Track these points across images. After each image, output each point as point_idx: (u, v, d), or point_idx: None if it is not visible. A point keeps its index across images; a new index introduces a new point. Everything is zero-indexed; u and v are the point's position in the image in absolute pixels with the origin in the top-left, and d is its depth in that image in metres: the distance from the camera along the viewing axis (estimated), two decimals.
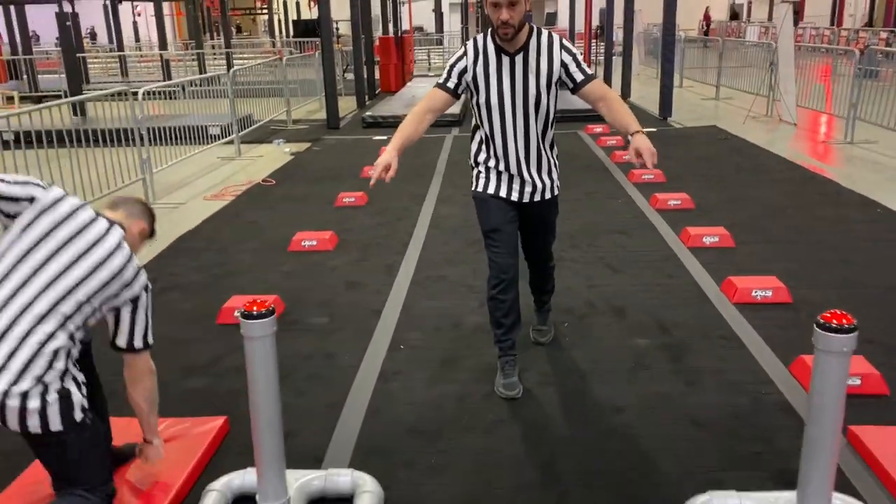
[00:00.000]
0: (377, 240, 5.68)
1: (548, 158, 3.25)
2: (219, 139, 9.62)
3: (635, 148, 2.86)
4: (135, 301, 2.37)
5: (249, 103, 11.50)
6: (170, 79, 16.78)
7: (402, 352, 3.77)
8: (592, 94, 3.07)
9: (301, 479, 2.52)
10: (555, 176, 3.31)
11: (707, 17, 27.67)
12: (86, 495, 2.29)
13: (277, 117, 12.11)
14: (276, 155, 9.64)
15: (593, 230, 5.71)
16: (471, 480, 2.70)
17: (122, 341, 2.38)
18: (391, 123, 11.43)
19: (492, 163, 3.24)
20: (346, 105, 14.29)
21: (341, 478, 2.56)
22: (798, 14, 27.51)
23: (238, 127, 9.83)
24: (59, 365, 2.14)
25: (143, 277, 2.39)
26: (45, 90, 16.57)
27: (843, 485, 2.53)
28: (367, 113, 12.08)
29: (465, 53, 3.12)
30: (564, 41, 3.12)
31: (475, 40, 3.13)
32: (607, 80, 15.92)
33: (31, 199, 2.20)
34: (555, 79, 3.06)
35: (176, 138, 8.45)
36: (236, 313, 3.36)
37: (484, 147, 3.25)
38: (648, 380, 3.39)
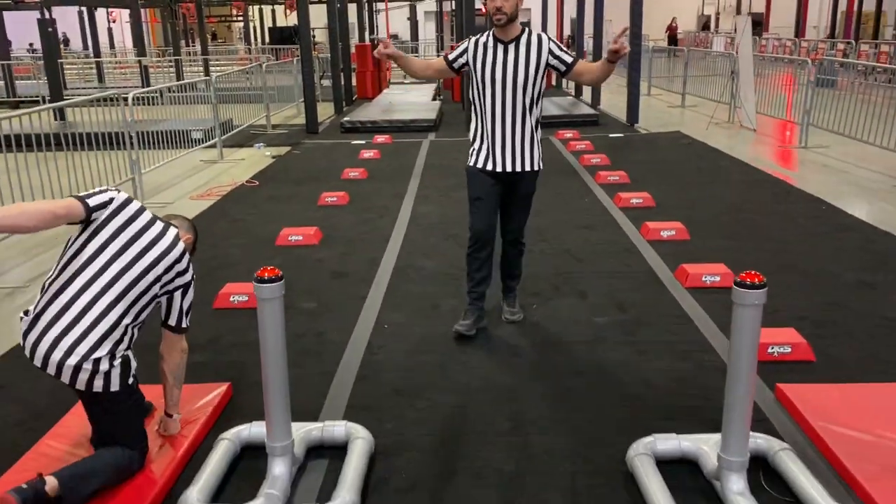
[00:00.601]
0: (360, 235, 6.05)
1: (532, 133, 3.81)
2: (201, 143, 9.93)
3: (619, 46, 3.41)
4: (186, 287, 2.84)
5: (230, 109, 11.81)
6: (148, 85, 16.99)
7: (386, 330, 4.15)
8: (579, 71, 3.75)
9: (301, 430, 2.89)
10: (537, 152, 3.85)
11: (671, 28, 28.43)
12: (126, 450, 2.67)
13: (257, 122, 12.43)
14: (257, 158, 9.96)
15: (561, 226, 6.14)
16: (448, 429, 3.09)
17: (172, 321, 2.84)
18: (369, 129, 11.82)
19: (481, 138, 3.82)
20: (324, 111, 14.63)
21: (337, 428, 2.93)
22: (763, 25, 28.44)
23: (221, 131, 10.14)
24: (126, 338, 2.60)
25: (192, 269, 2.86)
26: (23, 95, 16.71)
27: (769, 431, 2.96)
28: (346, 118, 12.45)
29: (467, 43, 3.81)
30: (553, 38, 3.82)
31: (477, 37, 3.81)
32: (578, 87, 16.48)
33: (110, 201, 2.66)
34: (542, 64, 3.69)
35: (159, 142, 8.74)
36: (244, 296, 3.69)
37: (478, 125, 3.84)
38: (606, 350, 3.81)
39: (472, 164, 3.88)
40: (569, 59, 3.74)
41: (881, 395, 3.15)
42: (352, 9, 19.49)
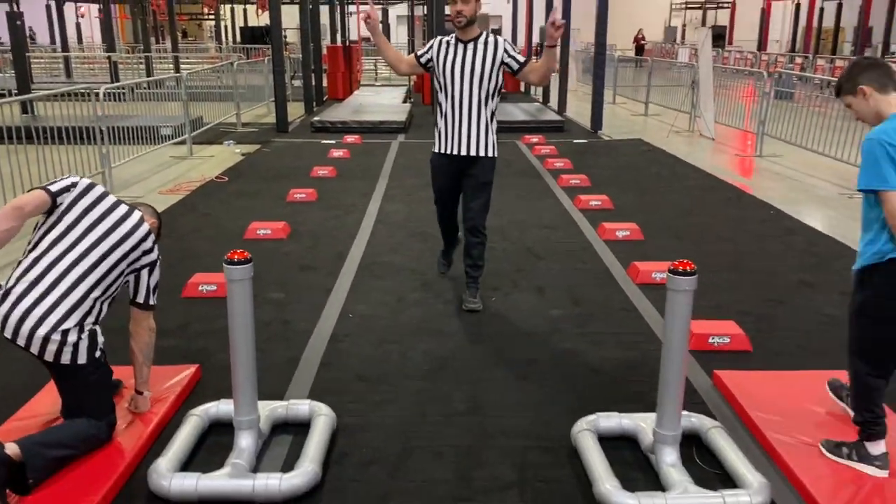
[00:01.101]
0: (327, 231, 6.21)
1: (486, 124, 4.22)
2: (170, 139, 9.98)
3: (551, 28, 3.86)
4: (152, 265, 3.00)
5: (199, 106, 11.86)
6: (117, 80, 16.91)
7: (350, 320, 4.32)
8: (529, 70, 4.20)
9: (267, 407, 3.05)
10: (491, 139, 4.25)
11: (637, 39, 29.00)
12: (92, 421, 2.79)
13: (227, 120, 12.50)
14: (226, 155, 10.05)
15: (523, 226, 6.36)
16: (409, 411, 3.27)
17: (140, 298, 2.99)
18: (339, 129, 11.96)
19: (443, 126, 4.25)
20: (294, 111, 14.72)
21: (301, 406, 3.10)
22: (726, 38, 29.15)
23: (191, 128, 10.21)
24: (95, 312, 2.75)
25: (157, 248, 3.02)
26: None
27: (705, 413, 3.19)
28: (316, 118, 12.57)
29: (432, 42, 4.29)
30: (508, 41, 4.28)
31: (441, 37, 4.27)
32: (545, 94, 16.79)
33: (73, 185, 2.83)
34: (498, 62, 4.14)
35: (129, 137, 8.79)
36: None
37: (439, 115, 4.28)
38: (559, 340, 4.02)
39: (434, 150, 4.37)
40: (521, 59, 4.19)
41: (809, 381, 3.40)
42: (324, 10, 19.59)
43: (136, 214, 2.94)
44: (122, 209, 2.91)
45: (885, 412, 2.76)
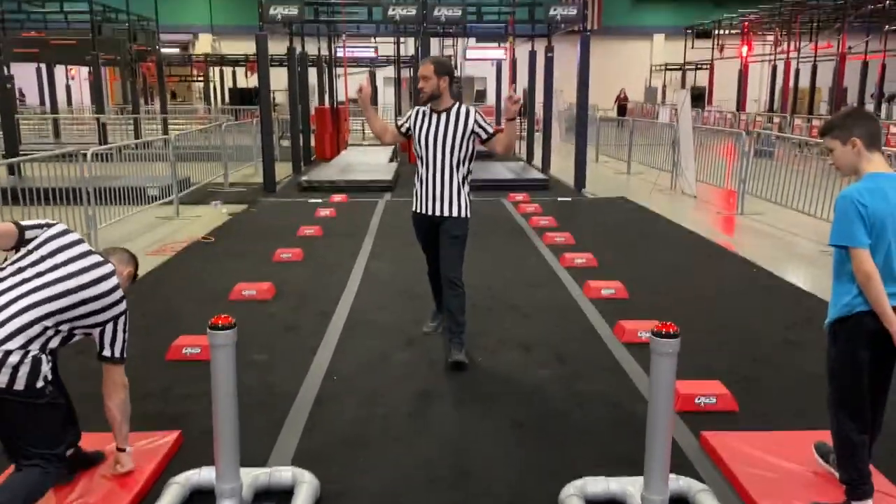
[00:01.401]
0: (313, 290, 6.20)
1: (458, 186, 4.46)
2: (157, 200, 10.02)
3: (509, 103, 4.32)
4: (117, 318, 2.89)
5: (187, 166, 11.95)
6: (105, 142, 17.05)
7: (335, 382, 4.28)
8: (496, 140, 4.49)
9: (249, 475, 2.99)
10: (462, 201, 4.47)
11: (619, 99, 29.65)
12: (42, 465, 2.68)
13: (215, 180, 12.58)
14: (213, 215, 10.08)
15: (509, 283, 6.39)
16: (393, 477, 3.22)
17: (107, 353, 2.92)
18: (327, 188, 12.05)
19: (418, 188, 4.53)
20: (282, 171, 14.83)
21: (284, 472, 3.05)
22: (706, 98, 29.86)
23: (178, 188, 10.26)
24: (42, 339, 2.66)
25: (125, 301, 2.92)
26: None
27: (693, 475, 3.17)
28: (304, 177, 12.68)
29: (412, 112, 4.59)
30: (479, 112, 4.53)
31: (419, 108, 4.54)
32: (530, 152, 17.07)
33: (46, 225, 2.86)
34: (468, 131, 4.40)
35: (116, 198, 8.82)
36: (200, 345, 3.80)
37: (417, 178, 4.56)
38: (545, 400, 4.00)
39: (412, 209, 4.64)
40: (490, 130, 4.46)
41: (796, 442, 3.39)
42: (312, 72, 19.97)
43: (108, 266, 2.87)
44: (93, 258, 2.85)
45: (870, 472, 2.76)
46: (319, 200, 11.03)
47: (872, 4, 21.04)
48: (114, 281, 2.87)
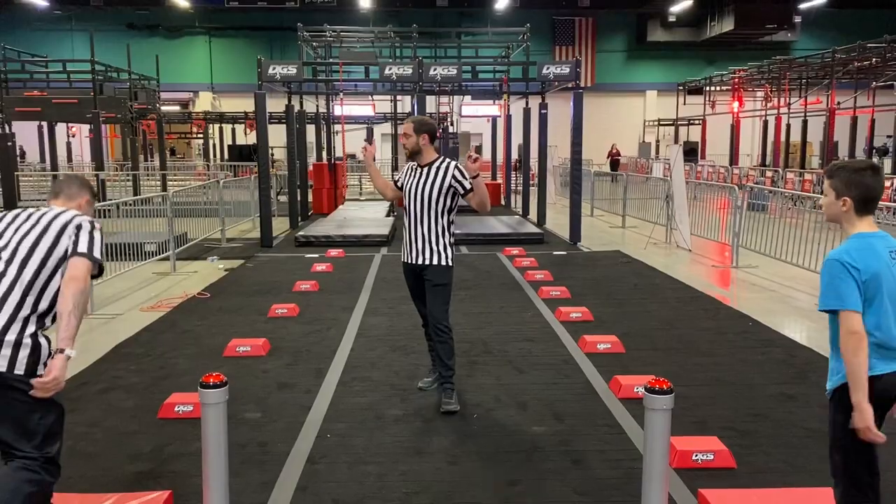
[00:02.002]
0: (308, 346, 6.17)
1: (437, 235, 4.66)
2: (154, 255, 10.05)
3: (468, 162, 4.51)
4: (79, 227, 2.88)
5: (184, 222, 12.02)
6: (104, 198, 17.18)
7: (328, 440, 4.23)
8: (469, 197, 4.66)
9: None
10: (445, 250, 4.66)
11: (612, 154, 30.04)
12: (29, 465, 2.64)
13: (212, 236, 12.63)
14: (210, 271, 10.09)
15: (505, 338, 6.36)
16: None
17: (82, 247, 2.82)
18: (323, 243, 12.11)
19: (405, 238, 4.76)
20: (279, 226, 14.94)
21: None
22: (700, 153, 30.27)
23: (175, 244, 10.30)
24: (37, 321, 2.67)
25: (86, 217, 2.97)
26: None
27: None
28: (300, 232, 12.74)
29: (405, 167, 4.85)
30: (459, 166, 4.70)
31: (411, 164, 4.78)
32: (525, 207, 17.20)
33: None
34: (447, 184, 4.61)
35: (113, 254, 8.84)
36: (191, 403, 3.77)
37: (404, 230, 4.79)
38: (542, 459, 3.95)
39: (402, 260, 4.84)
40: (467, 185, 4.62)
41: (795, 499, 3.34)
42: (310, 128, 20.28)
43: (65, 214, 2.90)
44: (49, 215, 2.87)
45: None
46: (316, 255, 11.07)
47: (859, 62, 21.52)
48: (68, 214, 2.90)
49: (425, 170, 4.68)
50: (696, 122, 31.55)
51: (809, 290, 8.57)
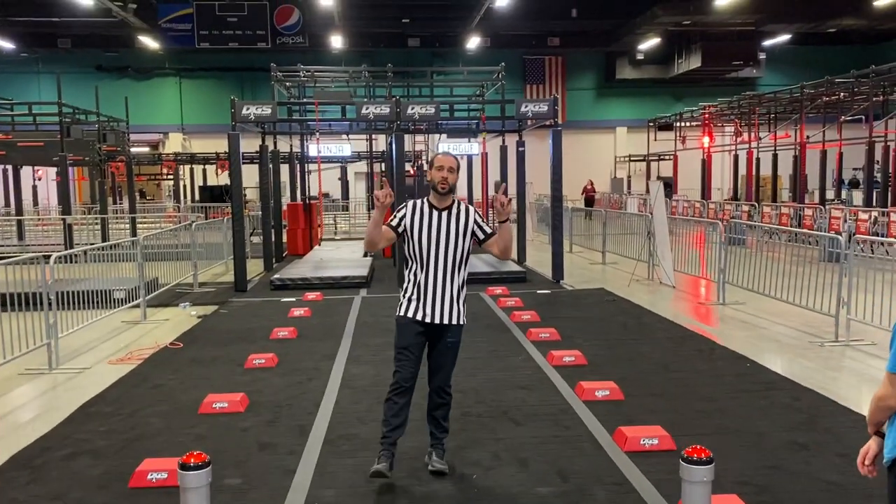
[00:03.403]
0: (289, 401, 5.82)
1: (458, 290, 4.19)
2: (124, 303, 9.62)
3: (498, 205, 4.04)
4: None
5: (156, 267, 11.60)
6: (71, 244, 16.66)
7: None
8: (493, 241, 4.23)
9: None
10: (462, 307, 4.21)
11: (587, 190, 30.09)
12: None
13: (184, 280, 12.21)
14: (182, 318, 9.68)
15: (497, 386, 6.07)
16: None
17: None
18: (300, 286, 11.76)
19: (415, 291, 4.17)
20: (253, 268, 14.55)
21: None
22: (672, 187, 30.51)
23: (145, 291, 9.88)
24: None
25: None
26: None
27: None
28: (276, 276, 12.37)
29: (405, 207, 4.22)
30: (478, 210, 4.35)
31: (414, 202, 4.24)
32: None
33: None
34: (469, 230, 4.18)
35: (79, 303, 8.40)
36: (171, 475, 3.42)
37: (411, 281, 4.21)
38: None
39: (402, 313, 4.22)
40: (488, 230, 4.25)
41: None
42: (284, 168, 19.99)
43: None
44: None
45: None
46: (293, 299, 10.71)
47: (827, 97, 21.89)
48: None
49: (444, 213, 4.15)
50: (667, 157, 31.87)
51: (800, 325, 8.42)
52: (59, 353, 7.25)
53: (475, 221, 4.21)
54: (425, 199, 4.24)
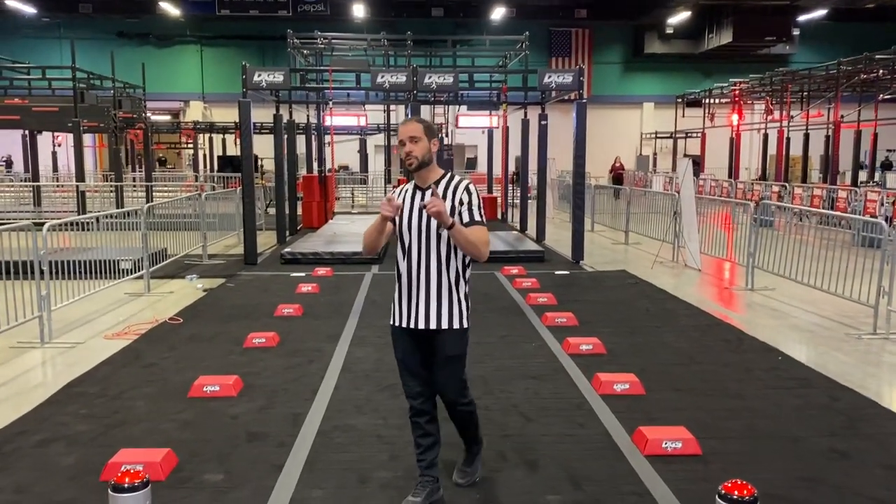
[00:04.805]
0: (285, 385, 5.46)
1: (449, 286, 3.39)
2: (130, 273, 9.33)
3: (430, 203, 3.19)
4: None
5: (165, 237, 11.29)
6: (84, 210, 16.45)
7: None
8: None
9: None
10: (456, 309, 3.41)
11: (615, 168, 29.23)
12: None
13: (193, 252, 11.90)
14: (187, 291, 9.37)
15: (507, 376, 5.66)
16: None
17: None
18: (311, 260, 11.40)
19: (398, 293, 3.49)
20: (267, 240, 14.24)
21: None
22: (699, 166, 29.70)
23: (149, 262, 9.57)
24: None
25: None
26: None
27: None
28: (287, 249, 12.02)
29: (399, 189, 3.53)
30: (471, 186, 3.41)
31: (407, 184, 3.53)
32: (524, 222, 16.50)
33: None
34: (457, 212, 3.31)
35: (84, 272, 8.10)
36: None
37: (396, 278, 3.51)
38: None
39: (391, 320, 3.57)
40: (466, 218, 3.32)
41: None
42: (301, 140, 19.59)
43: None
44: None
45: None
46: (302, 274, 10.37)
47: (865, 74, 20.99)
48: None
49: (427, 193, 3.31)
50: (694, 134, 31.01)
51: (833, 315, 7.91)
52: (52, 327, 6.95)
53: (460, 201, 3.32)
54: (413, 180, 3.51)
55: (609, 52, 35.44)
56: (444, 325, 3.39)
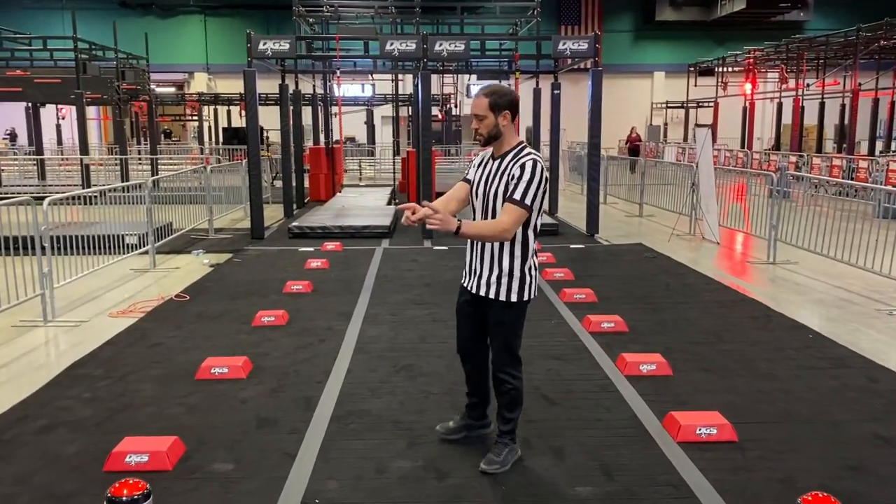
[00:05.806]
0: (296, 366, 5.24)
1: (500, 258, 3.44)
2: (136, 248, 9.12)
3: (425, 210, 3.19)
4: None
5: (170, 211, 11.05)
6: (89, 184, 16.21)
7: None
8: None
9: None
10: (505, 280, 3.45)
11: (631, 139, 28.61)
12: None
13: (199, 226, 11.67)
14: (193, 266, 9.16)
15: (528, 355, 5.31)
16: None
17: None
18: (319, 234, 11.16)
19: (467, 252, 3.64)
20: (274, 214, 14.00)
21: None
22: (713, 135, 29.18)
23: (154, 237, 9.35)
24: None
25: None
26: None
27: None
28: (294, 223, 11.78)
29: (477, 159, 3.65)
30: (530, 163, 3.34)
31: (485, 153, 3.61)
32: None
33: None
34: (504, 184, 3.37)
35: (88, 247, 7.89)
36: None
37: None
38: None
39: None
40: (516, 195, 3.30)
41: None
42: (308, 111, 19.24)
43: None
44: None
45: None
46: (311, 249, 10.13)
47: (885, 41, 20.43)
48: None
49: (496, 162, 3.44)
50: (706, 104, 30.44)
51: (861, 290, 7.64)
52: (55, 305, 6.75)
53: (511, 175, 3.33)
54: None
55: (619, 20, 34.76)
56: (492, 295, 3.48)
